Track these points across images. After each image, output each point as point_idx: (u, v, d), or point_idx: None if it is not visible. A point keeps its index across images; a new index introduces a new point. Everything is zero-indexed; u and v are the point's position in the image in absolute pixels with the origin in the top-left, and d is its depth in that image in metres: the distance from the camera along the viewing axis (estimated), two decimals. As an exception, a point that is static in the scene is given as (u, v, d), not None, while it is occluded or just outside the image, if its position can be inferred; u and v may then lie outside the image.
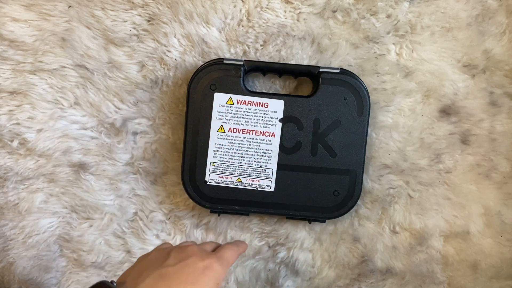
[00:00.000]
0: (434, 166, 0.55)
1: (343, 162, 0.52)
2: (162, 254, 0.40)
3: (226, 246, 0.45)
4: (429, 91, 0.54)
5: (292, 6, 0.53)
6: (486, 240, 0.56)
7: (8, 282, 0.57)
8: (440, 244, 0.56)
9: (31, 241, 0.57)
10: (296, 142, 0.52)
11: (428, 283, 0.57)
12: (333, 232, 0.57)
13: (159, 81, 0.54)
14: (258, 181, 0.52)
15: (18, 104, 0.55)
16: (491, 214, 0.56)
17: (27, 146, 0.55)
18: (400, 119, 0.55)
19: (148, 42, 0.54)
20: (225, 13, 0.53)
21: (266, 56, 0.54)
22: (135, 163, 0.56)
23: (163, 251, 0.41)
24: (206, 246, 0.45)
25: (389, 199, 0.56)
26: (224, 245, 0.45)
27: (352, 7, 0.53)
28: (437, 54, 0.54)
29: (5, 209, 0.56)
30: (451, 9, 0.53)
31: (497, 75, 0.54)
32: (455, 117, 0.55)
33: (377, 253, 0.56)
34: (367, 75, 0.54)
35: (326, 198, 0.52)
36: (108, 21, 0.53)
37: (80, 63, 0.54)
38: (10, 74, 0.54)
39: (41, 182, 0.56)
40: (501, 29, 0.53)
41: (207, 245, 0.45)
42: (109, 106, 0.55)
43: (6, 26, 0.53)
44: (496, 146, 0.55)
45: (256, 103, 0.51)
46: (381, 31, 0.53)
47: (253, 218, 0.57)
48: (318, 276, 0.57)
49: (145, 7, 0.53)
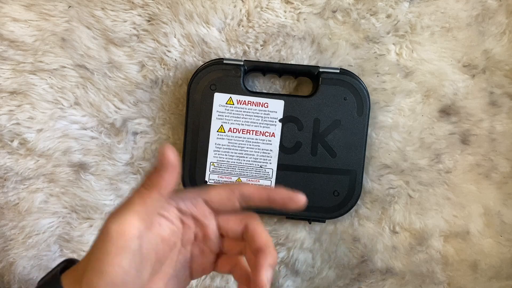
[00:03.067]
0: (434, 166, 0.55)
1: (343, 162, 0.52)
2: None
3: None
4: (429, 91, 0.54)
5: (292, 6, 0.53)
6: (486, 240, 0.56)
7: (8, 282, 0.57)
8: (440, 244, 0.56)
9: (31, 241, 0.57)
10: (296, 142, 0.52)
11: (428, 283, 0.57)
12: (333, 232, 0.57)
13: (159, 81, 0.54)
14: (258, 181, 0.52)
15: (18, 104, 0.55)
16: (491, 214, 0.56)
17: (27, 146, 0.55)
18: (400, 119, 0.55)
19: (148, 42, 0.54)
20: (225, 13, 0.53)
21: (266, 56, 0.54)
22: (135, 163, 0.56)
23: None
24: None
25: (389, 199, 0.56)
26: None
27: (352, 7, 0.53)
28: (437, 54, 0.54)
29: (5, 209, 0.56)
30: (451, 9, 0.53)
31: (497, 75, 0.54)
32: (455, 117, 0.55)
33: (377, 253, 0.56)
34: (367, 75, 0.54)
35: (326, 198, 0.53)
36: (108, 21, 0.53)
37: (80, 63, 0.54)
38: (10, 74, 0.54)
39: (41, 182, 0.56)
40: (501, 29, 0.53)
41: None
42: (109, 106, 0.55)
43: (6, 26, 0.53)
44: (496, 146, 0.55)
45: (256, 103, 0.51)
46: (381, 31, 0.53)
47: (253, 218, 0.57)
48: (318, 276, 0.57)
49: (145, 7, 0.53)
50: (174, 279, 0.35)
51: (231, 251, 0.37)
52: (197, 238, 0.36)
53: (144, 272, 0.31)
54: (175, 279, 0.36)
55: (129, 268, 0.29)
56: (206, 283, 0.57)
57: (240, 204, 0.35)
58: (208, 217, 0.35)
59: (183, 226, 0.35)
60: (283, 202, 0.34)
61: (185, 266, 0.36)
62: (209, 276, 0.57)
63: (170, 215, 0.34)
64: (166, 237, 0.34)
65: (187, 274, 0.37)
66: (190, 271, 0.37)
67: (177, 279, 0.36)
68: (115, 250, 0.29)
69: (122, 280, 0.29)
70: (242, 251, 0.36)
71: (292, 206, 0.34)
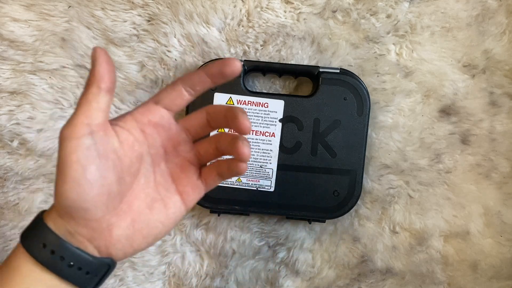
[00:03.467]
0: (434, 166, 0.55)
1: (343, 162, 0.52)
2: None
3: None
4: (429, 91, 0.54)
5: (292, 6, 0.53)
6: (486, 240, 0.56)
7: (8, 282, 0.57)
8: (440, 244, 0.56)
9: (31, 241, 0.57)
10: (296, 142, 0.52)
11: (428, 283, 0.57)
12: (333, 232, 0.57)
13: (159, 81, 0.54)
14: (258, 181, 0.52)
15: (18, 104, 0.55)
16: (491, 214, 0.56)
17: (27, 146, 0.55)
18: (400, 119, 0.55)
19: (148, 42, 0.54)
20: (225, 13, 0.53)
21: (266, 56, 0.54)
22: (135, 163, 0.56)
23: None
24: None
25: (389, 199, 0.56)
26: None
27: (352, 7, 0.53)
28: (437, 54, 0.54)
29: (5, 209, 0.56)
30: (451, 9, 0.53)
31: (497, 75, 0.54)
32: (455, 117, 0.55)
33: (377, 253, 0.56)
34: (367, 75, 0.54)
35: (326, 198, 0.52)
36: (108, 21, 0.53)
37: (80, 63, 0.54)
38: (10, 74, 0.54)
39: (41, 182, 0.56)
40: (501, 29, 0.53)
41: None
42: (109, 106, 0.55)
43: (6, 26, 0.53)
44: (496, 146, 0.55)
45: (256, 103, 0.51)
46: (381, 31, 0.53)
47: (253, 218, 0.57)
48: (318, 276, 0.57)
49: (145, 7, 0.53)
50: (160, 202, 0.35)
51: (208, 155, 0.36)
52: (167, 151, 0.35)
53: (109, 175, 0.31)
54: (161, 202, 0.35)
55: (88, 164, 0.29)
56: (206, 283, 0.57)
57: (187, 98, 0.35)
58: (166, 118, 0.35)
59: (144, 135, 0.34)
60: (218, 69, 0.33)
61: (168, 189, 0.35)
62: (209, 276, 0.57)
63: (126, 125, 0.33)
64: (127, 144, 0.33)
65: (176, 199, 0.35)
66: (179, 195, 0.36)
67: (163, 203, 0.35)
68: (69, 149, 0.29)
69: (85, 178, 0.29)
70: (218, 148, 0.36)
71: (227, 70, 0.32)
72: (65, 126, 0.30)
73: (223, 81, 0.33)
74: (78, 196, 0.30)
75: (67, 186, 0.29)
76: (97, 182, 0.30)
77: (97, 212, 0.31)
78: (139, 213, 0.34)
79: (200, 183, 0.36)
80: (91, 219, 0.31)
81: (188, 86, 0.34)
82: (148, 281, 0.57)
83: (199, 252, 0.57)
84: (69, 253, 0.31)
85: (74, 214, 0.31)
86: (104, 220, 0.32)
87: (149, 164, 0.35)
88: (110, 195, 0.31)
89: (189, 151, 0.36)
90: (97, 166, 0.30)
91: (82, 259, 0.31)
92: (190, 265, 0.57)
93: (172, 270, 0.57)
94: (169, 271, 0.57)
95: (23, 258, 0.31)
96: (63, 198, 0.30)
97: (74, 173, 0.29)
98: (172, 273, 0.57)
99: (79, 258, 0.31)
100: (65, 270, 0.31)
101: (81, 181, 0.29)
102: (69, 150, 0.29)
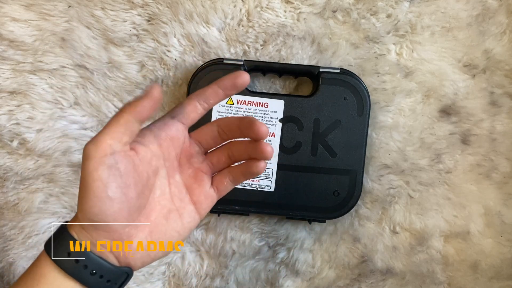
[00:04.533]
0: (434, 166, 0.55)
1: (343, 162, 0.52)
2: None
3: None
4: (429, 91, 0.54)
5: (292, 6, 0.53)
6: (486, 240, 0.56)
7: (8, 282, 0.57)
8: (440, 244, 0.56)
9: (30, 241, 0.57)
10: (296, 142, 0.52)
11: (428, 283, 0.57)
12: (333, 232, 0.57)
13: (159, 81, 0.54)
14: (258, 181, 0.52)
15: (18, 104, 0.55)
16: (491, 214, 0.56)
17: (27, 146, 0.55)
18: (400, 119, 0.55)
19: (148, 42, 0.54)
20: (225, 13, 0.53)
21: (266, 56, 0.54)
22: (135, 163, 0.56)
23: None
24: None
25: (389, 199, 0.56)
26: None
27: (352, 7, 0.53)
28: (437, 54, 0.54)
29: (5, 209, 0.56)
30: (451, 9, 0.53)
31: (497, 75, 0.54)
32: (455, 117, 0.55)
33: (377, 253, 0.56)
34: (367, 75, 0.54)
35: (326, 198, 0.52)
36: (108, 21, 0.53)
37: (80, 63, 0.54)
38: (10, 74, 0.54)
39: (40, 182, 0.56)
40: (501, 29, 0.53)
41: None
42: (109, 106, 0.55)
43: (6, 26, 0.53)
44: (496, 146, 0.55)
45: (256, 103, 0.51)
46: (381, 31, 0.53)
47: (253, 218, 0.57)
48: (318, 276, 0.57)
49: (145, 7, 0.53)
50: (175, 213, 0.36)
51: (220, 164, 0.38)
52: (181, 163, 0.37)
53: (129, 192, 0.32)
54: (176, 213, 0.36)
55: (109, 182, 0.31)
56: (206, 283, 0.57)
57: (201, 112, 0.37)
58: (181, 131, 0.36)
59: (161, 149, 0.35)
60: (231, 82, 0.35)
61: (183, 199, 0.37)
62: (209, 276, 0.57)
63: (144, 141, 0.34)
64: (146, 159, 0.34)
65: (190, 208, 0.37)
66: (193, 205, 0.37)
67: (179, 213, 0.36)
68: (92, 167, 0.30)
69: (106, 195, 0.31)
70: (230, 156, 0.38)
71: (238, 82, 0.35)
72: (90, 142, 0.31)
73: (235, 92, 0.35)
74: (100, 211, 0.31)
75: (90, 202, 0.31)
76: (118, 198, 0.31)
77: (118, 226, 0.33)
78: (156, 224, 0.35)
79: (213, 191, 0.38)
80: (112, 231, 0.33)
81: (202, 100, 0.36)
82: (148, 281, 0.57)
83: (199, 252, 0.57)
84: (92, 262, 0.32)
85: (97, 227, 0.32)
86: (124, 232, 0.33)
87: (164, 177, 0.36)
88: (130, 210, 0.33)
89: (202, 162, 0.38)
90: (118, 184, 0.31)
91: (104, 267, 0.33)
92: (190, 265, 0.57)
93: (172, 270, 0.57)
94: (169, 271, 0.57)
95: (47, 267, 0.32)
96: (86, 212, 0.31)
97: (96, 190, 0.31)
98: (172, 273, 0.57)
99: (101, 266, 0.33)
100: (88, 277, 0.32)
101: (102, 198, 0.31)
102: (92, 168, 0.30)
